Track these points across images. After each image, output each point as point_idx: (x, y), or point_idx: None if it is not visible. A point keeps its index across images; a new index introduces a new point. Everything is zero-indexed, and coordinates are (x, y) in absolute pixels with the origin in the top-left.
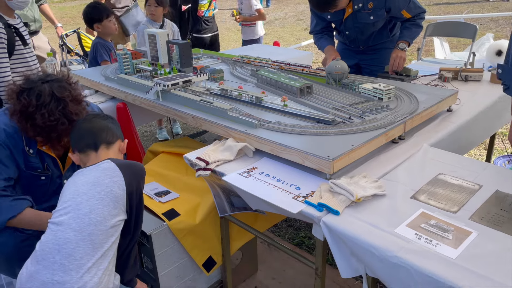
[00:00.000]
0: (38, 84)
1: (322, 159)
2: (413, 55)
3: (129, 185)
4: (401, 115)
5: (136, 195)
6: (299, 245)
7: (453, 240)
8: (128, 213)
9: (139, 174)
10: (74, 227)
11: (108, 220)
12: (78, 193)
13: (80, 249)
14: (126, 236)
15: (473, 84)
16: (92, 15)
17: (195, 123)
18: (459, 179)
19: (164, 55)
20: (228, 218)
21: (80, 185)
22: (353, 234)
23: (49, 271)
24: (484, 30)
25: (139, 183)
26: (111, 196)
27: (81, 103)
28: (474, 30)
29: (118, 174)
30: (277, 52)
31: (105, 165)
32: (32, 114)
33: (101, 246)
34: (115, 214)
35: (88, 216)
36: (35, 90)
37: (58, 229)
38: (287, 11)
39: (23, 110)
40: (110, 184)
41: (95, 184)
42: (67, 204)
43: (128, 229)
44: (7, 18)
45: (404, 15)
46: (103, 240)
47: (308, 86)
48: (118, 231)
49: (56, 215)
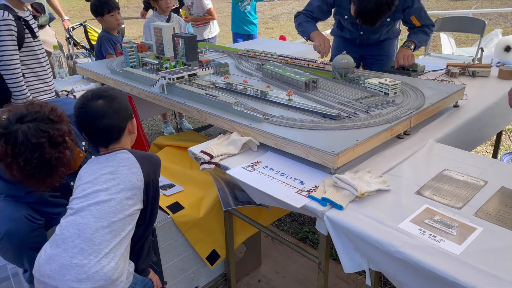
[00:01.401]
0: (16, 127)
1: (326, 153)
2: (421, 50)
3: (146, 176)
4: (407, 111)
5: (152, 186)
6: (302, 239)
7: (457, 236)
8: (145, 202)
9: (156, 165)
10: (94, 213)
11: (126, 209)
12: (98, 182)
13: (99, 234)
14: (141, 224)
15: (481, 79)
16: (94, 9)
17: (200, 116)
18: (465, 175)
19: (169, 49)
20: (232, 212)
21: (100, 175)
22: (357, 229)
23: (69, 254)
24: (492, 25)
25: (156, 173)
26: (130, 187)
27: (60, 144)
28: (483, 25)
29: (136, 166)
30: (283, 46)
31: (123, 156)
32: (10, 164)
33: (119, 234)
34: (132, 204)
35: (108, 204)
36: (10, 137)
37: (79, 214)
38: (293, 5)
39: (1, 159)
40: (129, 175)
41: (113, 174)
42: (87, 192)
43: (144, 218)
44: (17, 11)
45: (413, 21)
46: (120, 227)
47: (314, 80)
48: (134, 220)
49: (76, 202)
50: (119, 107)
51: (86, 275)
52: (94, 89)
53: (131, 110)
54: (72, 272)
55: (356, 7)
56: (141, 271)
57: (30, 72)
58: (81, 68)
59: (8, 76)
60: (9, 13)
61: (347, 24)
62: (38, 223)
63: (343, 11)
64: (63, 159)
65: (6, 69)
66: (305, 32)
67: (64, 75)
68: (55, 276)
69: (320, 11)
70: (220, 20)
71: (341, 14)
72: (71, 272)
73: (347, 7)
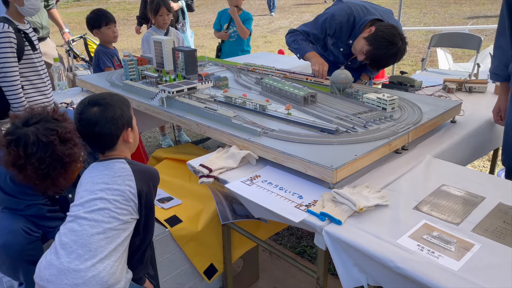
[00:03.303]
0: (23, 131)
1: (325, 168)
2: (418, 66)
3: (140, 190)
4: (404, 126)
5: (146, 199)
6: (301, 254)
7: (455, 252)
8: (139, 213)
9: (153, 179)
10: (89, 220)
11: (120, 217)
12: (93, 190)
13: (95, 240)
14: (136, 236)
15: (477, 95)
16: (92, 21)
17: (199, 130)
18: (462, 191)
19: (169, 62)
20: (230, 225)
21: (96, 183)
22: (355, 244)
23: (66, 260)
24: (488, 41)
25: (150, 188)
26: (123, 197)
27: (69, 141)
28: (479, 41)
29: (131, 178)
30: (282, 61)
31: (120, 165)
32: (24, 165)
33: (114, 240)
34: (126, 213)
35: (102, 212)
36: (20, 140)
37: (76, 222)
38: (292, 19)
39: (15, 162)
40: (122, 187)
41: (108, 184)
42: (84, 199)
43: (137, 230)
44: (17, 23)
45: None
46: (115, 234)
47: (312, 95)
48: (129, 229)
49: (74, 209)
50: (113, 116)
51: (82, 280)
52: (94, 95)
53: (129, 119)
54: (70, 277)
55: (372, 50)
56: (137, 279)
57: (29, 84)
58: (80, 81)
59: (7, 88)
60: (9, 26)
61: (338, 53)
62: (35, 236)
63: (339, 44)
64: (74, 155)
65: (5, 81)
66: (300, 50)
67: (63, 87)
68: (54, 281)
69: (316, 38)
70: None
71: (337, 45)
72: (68, 277)
73: (344, 41)
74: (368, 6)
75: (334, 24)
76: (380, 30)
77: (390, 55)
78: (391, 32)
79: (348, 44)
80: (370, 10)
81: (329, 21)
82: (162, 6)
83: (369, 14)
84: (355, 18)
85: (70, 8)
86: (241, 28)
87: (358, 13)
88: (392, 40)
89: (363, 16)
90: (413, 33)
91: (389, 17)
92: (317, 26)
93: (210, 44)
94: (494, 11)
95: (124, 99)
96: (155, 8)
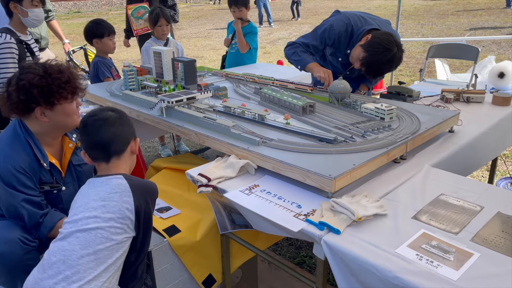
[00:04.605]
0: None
1: (323, 177)
2: (416, 76)
3: (137, 206)
4: (402, 135)
5: (144, 215)
6: (300, 264)
7: (454, 261)
8: (136, 230)
9: (151, 193)
10: (80, 240)
11: (113, 237)
12: (88, 208)
13: (84, 261)
14: (132, 252)
15: (475, 105)
16: (94, 30)
17: (198, 139)
18: (461, 200)
19: (169, 72)
20: (229, 235)
21: (91, 199)
22: (354, 254)
23: (53, 280)
24: (486, 52)
25: (148, 203)
26: (119, 215)
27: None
28: (476, 52)
29: (128, 194)
30: (280, 71)
31: (117, 181)
32: (21, 80)
33: (105, 261)
34: (121, 232)
35: (94, 232)
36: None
37: (66, 240)
38: (291, 30)
39: (18, 89)
40: (119, 203)
41: (104, 200)
42: (77, 217)
43: (134, 246)
44: (19, 34)
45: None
46: (107, 255)
47: (311, 104)
48: (124, 247)
49: (66, 226)
50: (128, 122)
51: None
52: (103, 107)
53: (135, 132)
54: None
55: (367, 57)
56: None
57: None
58: None
59: None
60: (11, 37)
61: (337, 63)
62: (32, 246)
63: (338, 54)
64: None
65: None
66: (301, 61)
67: None
68: None
69: (316, 49)
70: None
71: (335, 55)
72: None
73: (342, 51)
74: (366, 16)
75: (333, 35)
76: (376, 37)
77: (385, 61)
78: (387, 39)
79: (346, 54)
80: (368, 20)
81: (328, 31)
82: (161, 17)
83: (367, 24)
84: (353, 28)
85: (71, 19)
86: (240, 41)
87: (356, 23)
88: (387, 47)
89: (360, 26)
90: (411, 44)
91: (387, 27)
92: (316, 37)
93: (209, 55)
94: (492, 22)
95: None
96: (154, 19)
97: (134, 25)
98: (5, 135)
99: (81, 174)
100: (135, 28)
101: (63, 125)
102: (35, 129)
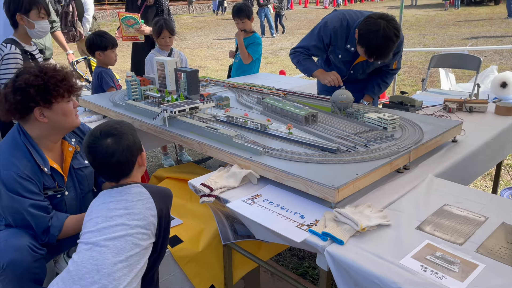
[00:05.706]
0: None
1: (326, 187)
2: (418, 86)
3: (160, 210)
4: (405, 145)
5: (165, 220)
6: (303, 275)
7: (459, 272)
8: (157, 235)
9: (169, 198)
10: (111, 249)
11: (141, 243)
12: (111, 216)
13: (118, 268)
14: (152, 255)
15: (478, 115)
16: (98, 43)
17: (200, 149)
18: (465, 211)
19: (172, 82)
20: (231, 246)
21: (112, 209)
22: (358, 264)
23: None
24: (488, 62)
25: (168, 208)
26: (144, 222)
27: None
28: (478, 62)
29: (150, 201)
30: (283, 81)
31: (137, 190)
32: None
33: (135, 267)
34: (147, 238)
35: (124, 239)
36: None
37: (95, 250)
38: (293, 41)
39: (14, 90)
40: (143, 211)
41: (127, 209)
42: (101, 226)
43: (155, 249)
44: (24, 45)
45: (394, 65)
46: (137, 261)
47: (313, 114)
48: (148, 253)
49: (90, 235)
50: (128, 144)
51: None
52: (102, 126)
53: (139, 144)
54: None
55: (365, 47)
56: None
57: None
58: (83, 101)
59: None
60: (16, 47)
61: (339, 62)
62: (40, 254)
63: (337, 50)
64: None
65: None
66: (307, 70)
67: None
68: None
69: (317, 49)
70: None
71: (335, 53)
72: None
73: (342, 47)
74: (363, 11)
75: (328, 31)
76: (370, 16)
77: (380, 40)
78: (380, 16)
79: (347, 50)
80: (364, 13)
81: (323, 29)
82: (164, 29)
83: (363, 16)
84: (348, 21)
85: None
86: (242, 52)
87: (351, 17)
88: (380, 23)
89: (356, 19)
90: (413, 54)
91: None
92: (313, 37)
93: (212, 65)
94: (493, 32)
95: (130, 124)
96: (158, 30)
97: (123, 31)
98: (5, 142)
99: (82, 177)
100: (124, 35)
101: (62, 126)
102: (35, 133)
